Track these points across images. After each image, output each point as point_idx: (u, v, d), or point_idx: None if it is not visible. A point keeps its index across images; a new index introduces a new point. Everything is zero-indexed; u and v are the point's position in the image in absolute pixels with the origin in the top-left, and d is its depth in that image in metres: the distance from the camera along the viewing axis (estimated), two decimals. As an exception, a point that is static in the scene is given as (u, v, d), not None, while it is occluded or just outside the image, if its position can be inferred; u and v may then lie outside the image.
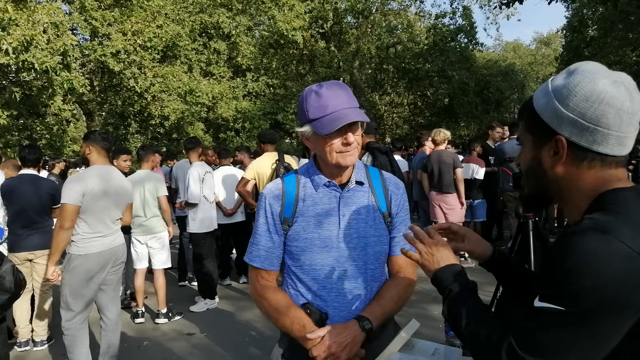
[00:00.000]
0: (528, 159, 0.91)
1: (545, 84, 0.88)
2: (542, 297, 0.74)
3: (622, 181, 0.82)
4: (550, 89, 0.85)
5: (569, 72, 0.84)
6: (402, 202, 1.46)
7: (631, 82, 0.81)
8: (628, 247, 0.69)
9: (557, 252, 0.75)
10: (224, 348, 3.75)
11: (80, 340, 3.01)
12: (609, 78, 0.79)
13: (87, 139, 3.07)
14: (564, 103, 0.81)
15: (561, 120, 0.81)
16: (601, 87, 0.78)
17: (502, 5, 9.97)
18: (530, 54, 35.04)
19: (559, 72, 3.81)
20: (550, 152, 0.85)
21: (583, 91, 0.79)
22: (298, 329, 1.30)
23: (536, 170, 0.89)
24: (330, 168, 1.35)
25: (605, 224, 0.73)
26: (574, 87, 0.80)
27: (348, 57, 16.90)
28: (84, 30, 11.79)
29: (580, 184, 0.83)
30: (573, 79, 0.81)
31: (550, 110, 0.83)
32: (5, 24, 7.87)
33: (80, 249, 2.92)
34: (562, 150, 0.82)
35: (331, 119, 1.24)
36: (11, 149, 10.09)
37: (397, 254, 1.43)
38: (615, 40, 14.69)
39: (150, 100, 13.46)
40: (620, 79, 0.80)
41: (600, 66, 0.82)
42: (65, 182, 2.96)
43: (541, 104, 0.86)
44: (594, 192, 0.82)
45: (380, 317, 1.33)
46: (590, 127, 0.79)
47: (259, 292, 1.40)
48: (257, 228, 1.41)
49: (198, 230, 4.68)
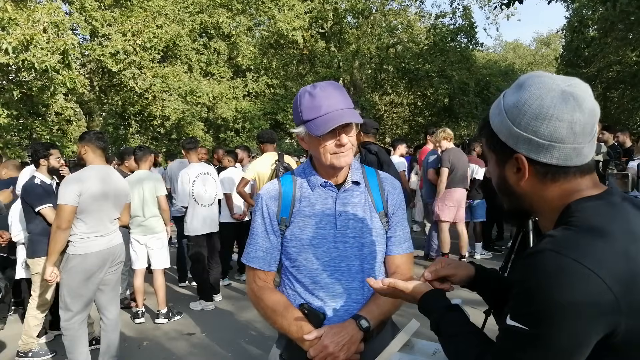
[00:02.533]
0: (495, 177, 0.91)
1: (499, 99, 0.87)
2: (511, 316, 0.76)
3: (589, 189, 0.81)
4: (502, 107, 0.84)
5: (517, 86, 0.83)
6: (399, 202, 1.46)
7: (582, 88, 0.79)
8: (581, 265, 0.69)
9: (519, 272, 0.77)
10: (224, 348, 3.75)
11: (80, 340, 3.01)
12: (556, 91, 0.78)
13: (82, 139, 3.06)
14: (515, 122, 0.80)
15: (517, 139, 0.81)
16: (548, 102, 0.77)
17: (502, 5, 9.95)
18: (530, 54, 35.08)
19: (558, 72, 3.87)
20: (513, 169, 0.84)
21: (531, 109, 0.78)
22: (295, 329, 1.30)
23: (505, 188, 0.89)
24: (326, 169, 1.35)
25: (562, 242, 0.73)
26: (522, 106, 0.79)
27: (348, 57, 16.90)
28: (84, 31, 11.79)
29: (547, 197, 0.83)
30: (521, 96, 0.80)
31: (505, 129, 0.83)
32: (5, 24, 7.87)
33: (77, 248, 2.92)
34: (523, 168, 0.82)
35: (324, 120, 1.24)
36: (11, 149, 10.08)
37: (394, 254, 1.43)
38: (616, 41, 14.70)
39: (150, 100, 13.46)
40: (570, 88, 0.78)
41: (547, 77, 0.81)
42: (62, 182, 2.95)
43: (496, 123, 0.85)
44: (561, 204, 0.81)
45: (377, 316, 1.33)
46: (545, 144, 0.78)
47: (257, 293, 1.40)
48: (254, 229, 1.41)
49: (191, 233, 4.67)
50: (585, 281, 0.68)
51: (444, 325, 0.96)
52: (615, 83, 17.07)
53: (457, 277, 1.07)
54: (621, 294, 0.68)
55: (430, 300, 1.01)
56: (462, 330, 0.93)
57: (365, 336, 1.30)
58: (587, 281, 0.68)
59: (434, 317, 0.98)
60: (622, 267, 0.70)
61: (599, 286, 0.68)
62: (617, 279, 0.69)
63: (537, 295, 0.71)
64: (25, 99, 9.90)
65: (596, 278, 0.68)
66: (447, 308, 0.98)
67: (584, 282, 0.68)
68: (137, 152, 4.52)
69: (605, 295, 0.68)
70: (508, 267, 2.67)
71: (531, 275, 0.73)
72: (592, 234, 0.73)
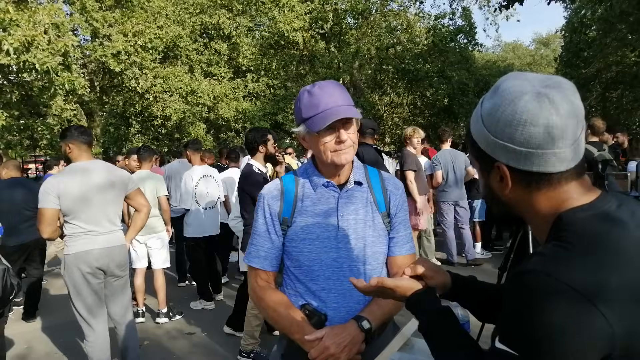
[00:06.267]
0: (482, 185, 0.87)
1: (477, 105, 0.83)
2: (501, 339, 0.72)
3: (580, 196, 0.76)
4: (480, 114, 0.80)
5: (493, 90, 0.79)
6: (401, 203, 1.45)
7: (561, 88, 0.73)
8: (572, 290, 0.64)
9: (508, 293, 0.73)
10: (224, 348, 3.76)
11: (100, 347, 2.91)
12: (530, 93, 0.72)
13: (65, 137, 2.84)
14: (491, 130, 0.76)
15: (494, 147, 0.77)
16: (521, 107, 0.72)
17: (501, 7, 9.98)
18: (529, 54, 35.07)
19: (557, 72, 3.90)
20: (496, 178, 0.80)
21: (504, 115, 0.74)
22: (297, 330, 1.30)
23: (491, 196, 0.85)
24: (327, 167, 1.35)
25: (552, 262, 0.69)
26: (495, 112, 0.75)
27: (348, 57, 16.90)
28: (85, 31, 11.80)
29: (535, 207, 0.79)
30: (495, 102, 0.76)
31: (482, 137, 0.79)
32: (6, 25, 7.88)
33: (70, 248, 2.82)
34: (505, 177, 0.78)
35: (322, 117, 1.24)
36: (12, 149, 10.08)
37: (396, 254, 1.43)
38: (615, 41, 14.70)
39: (152, 100, 13.47)
40: (545, 90, 0.73)
41: (522, 79, 0.76)
42: (42, 185, 2.78)
43: (475, 131, 0.81)
44: (551, 213, 0.77)
45: (379, 317, 1.33)
46: (522, 151, 0.74)
47: (258, 293, 1.39)
48: (255, 229, 1.41)
49: (191, 235, 4.66)
50: (578, 307, 0.64)
51: (434, 330, 0.91)
52: (615, 84, 17.07)
53: (434, 281, 1.02)
54: (615, 318, 0.64)
55: (421, 299, 0.96)
56: (452, 338, 0.89)
57: (367, 337, 1.30)
58: (579, 307, 0.64)
59: (425, 319, 0.93)
60: (616, 289, 0.65)
61: (591, 311, 0.64)
62: (610, 302, 0.64)
63: (526, 320, 0.67)
64: (26, 99, 9.92)
65: (587, 303, 0.64)
66: (439, 311, 0.93)
67: (576, 307, 0.64)
68: (141, 152, 4.52)
69: (599, 321, 0.64)
70: (507, 267, 2.67)
71: (520, 298, 0.69)
72: (585, 253, 0.68)
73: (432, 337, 0.91)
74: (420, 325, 0.95)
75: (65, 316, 4.09)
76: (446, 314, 0.93)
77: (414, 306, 0.96)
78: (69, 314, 3.03)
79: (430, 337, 0.92)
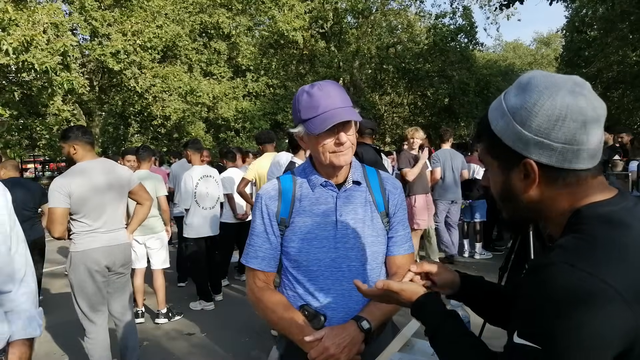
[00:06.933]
0: (498, 185, 0.84)
1: (499, 101, 0.81)
2: (520, 334, 0.71)
3: (600, 193, 0.77)
4: (506, 110, 0.78)
5: (520, 87, 0.78)
6: (400, 202, 1.45)
7: (585, 85, 0.75)
8: (598, 279, 0.64)
9: (528, 286, 0.72)
10: (224, 348, 3.75)
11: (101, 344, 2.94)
12: (565, 89, 0.73)
13: (68, 138, 2.84)
14: (525, 125, 0.75)
15: (527, 143, 0.75)
16: (560, 102, 0.72)
17: (502, 6, 9.97)
18: (530, 54, 35.04)
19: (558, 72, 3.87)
20: (520, 176, 0.78)
21: (543, 110, 0.73)
22: (296, 331, 1.29)
23: (509, 196, 0.83)
24: (326, 168, 1.34)
25: (575, 253, 0.68)
26: (532, 107, 0.74)
27: (348, 57, 16.90)
28: (84, 31, 11.79)
29: (556, 203, 0.78)
30: (530, 97, 0.75)
31: (512, 133, 0.77)
32: (5, 24, 7.88)
33: (77, 245, 2.88)
34: (533, 173, 0.76)
35: (322, 119, 1.23)
36: (11, 149, 10.08)
37: (395, 254, 1.43)
38: (616, 41, 14.69)
39: (151, 100, 13.47)
40: (577, 86, 0.74)
41: (550, 76, 0.77)
42: (50, 185, 2.83)
43: (500, 127, 0.79)
44: (570, 208, 0.77)
45: (378, 317, 1.32)
46: (559, 147, 0.73)
47: (256, 294, 1.39)
48: (253, 229, 1.40)
49: (192, 235, 4.66)
50: (602, 296, 0.64)
51: (441, 333, 0.90)
52: (616, 83, 17.07)
53: (441, 278, 1.02)
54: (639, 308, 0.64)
55: (426, 303, 0.95)
56: (461, 342, 0.87)
57: (366, 337, 1.29)
58: (604, 296, 0.64)
59: (431, 323, 0.92)
60: (636, 281, 0.65)
61: (616, 301, 0.64)
62: (635, 293, 0.65)
63: (550, 312, 0.66)
64: (25, 99, 9.92)
65: (614, 293, 0.64)
66: (445, 314, 0.92)
67: (601, 297, 0.64)
68: (141, 152, 4.51)
69: (624, 311, 0.64)
70: (508, 267, 2.67)
71: (543, 291, 0.68)
72: (607, 245, 0.68)
73: (439, 340, 0.90)
74: (427, 329, 0.93)
75: (65, 315, 4.09)
76: (453, 317, 0.92)
77: (420, 310, 0.95)
78: (69, 314, 3.04)
79: (438, 341, 0.91)
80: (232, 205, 5.12)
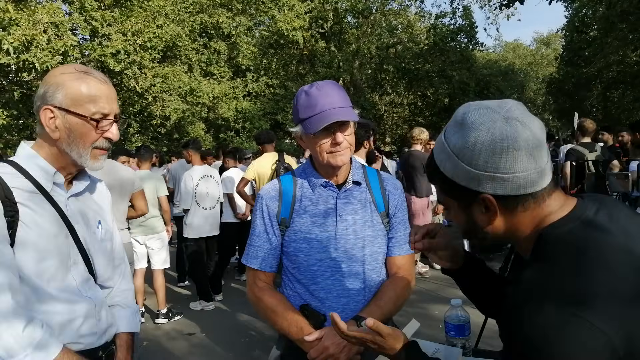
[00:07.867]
0: (462, 222, 0.86)
1: (441, 143, 0.82)
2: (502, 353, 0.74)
3: (559, 209, 0.78)
4: (451, 151, 0.79)
5: (457, 124, 0.79)
6: (400, 203, 1.45)
7: (516, 108, 0.76)
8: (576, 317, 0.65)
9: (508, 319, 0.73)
10: (224, 348, 3.75)
11: None
12: (500, 120, 0.74)
13: None
14: (472, 164, 0.76)
15: (479, 180, 0.76)
16: (499, 134, 0.73)
17: (502, 6, 9.97)
18: (530, 54, 35.05)
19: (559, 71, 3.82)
20: (481, 209, 0.80)
21: (485, 147, 0.74)
22: (296, 331, 1.29)
23: (475, 231, 0.84)
24: (325, 168, 1.35)
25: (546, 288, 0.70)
26: (474, 146, 0.75)
27: (348, 57, 16.90)
28: (84, 31, 11.78)
29: (521, 229, 0.80)
30: (469, 136, 0.76)
31: (462, 173, 0.78)
32: (5, 24, 7.88)
33: None
34: (493, 206, 0.78)
35: (319, 118, 1.23)
36: (11, 149, 10.08)
37: (396, 255, 1.43)
38: (616, 40, 14.69)
39: (151, 100, 13.46)
40: (509, 112, 0.75)
41: (483, 108, 0.77)
42: None
43: (450, 169, 0.80)
44: (534, 231, 0.79)
45: (379, 317, 1.30)
46: (510, 177, 0.74)
47: (257, 294, 1.39)
48: (254, 229, 1.40)
49: (192, 235, 4.66)
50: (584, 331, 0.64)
51: None
52: (616, 83, 17.08)
53: (445, 240, 1.04)
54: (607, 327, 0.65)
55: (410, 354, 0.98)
56: None
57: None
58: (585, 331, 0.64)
59: None
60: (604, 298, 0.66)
61: (580, 323, 0.65)
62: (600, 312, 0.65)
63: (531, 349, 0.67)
64: (25, 98, 9.92)
65: (591, 326, 0.64)
66: None
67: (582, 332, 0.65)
68: (141, 152, 4.51)
69: (588, 332, 0.64)
70: (508, 268, 2.66)
71: (521, 327, 0.69)
72: (566, 267, 0.70)
73: None
74: None
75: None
76: None
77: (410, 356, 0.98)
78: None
79: None
80: (232, 205, 5.13)
